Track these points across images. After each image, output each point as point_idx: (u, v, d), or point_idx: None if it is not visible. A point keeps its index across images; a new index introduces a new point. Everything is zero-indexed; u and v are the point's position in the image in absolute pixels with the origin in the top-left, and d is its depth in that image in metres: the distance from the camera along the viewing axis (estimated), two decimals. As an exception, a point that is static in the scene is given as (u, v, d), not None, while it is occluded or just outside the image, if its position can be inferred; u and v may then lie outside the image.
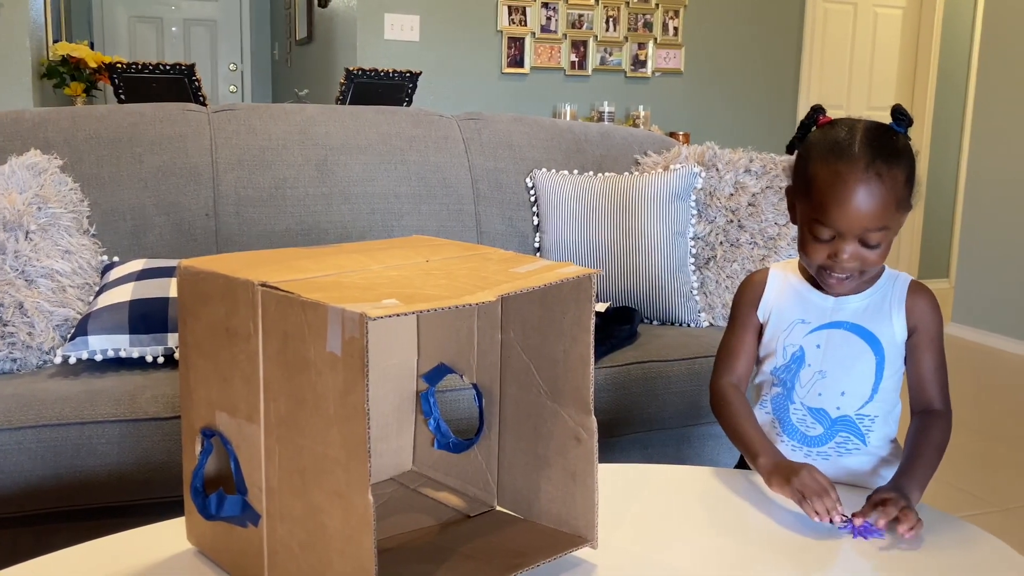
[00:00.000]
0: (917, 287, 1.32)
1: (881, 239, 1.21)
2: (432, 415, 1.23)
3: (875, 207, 1.18)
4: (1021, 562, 1.11)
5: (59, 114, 2.18)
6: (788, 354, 1.33)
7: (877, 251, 1.22)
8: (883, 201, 1.19)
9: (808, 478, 1.17)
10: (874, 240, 1.21)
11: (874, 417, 1.32)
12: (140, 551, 1.07)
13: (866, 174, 1.18)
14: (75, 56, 4.49)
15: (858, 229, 1.19)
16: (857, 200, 1.18)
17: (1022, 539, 2.35)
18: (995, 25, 4.50)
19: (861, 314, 1.31)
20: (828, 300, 1.32)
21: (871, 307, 1.31)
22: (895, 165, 1.20)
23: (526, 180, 2.48)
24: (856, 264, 1.23)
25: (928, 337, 1.31)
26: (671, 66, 5.20)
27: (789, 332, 1.33)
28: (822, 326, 1.32)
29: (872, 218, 1.19)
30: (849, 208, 1.18)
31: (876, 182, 1.18)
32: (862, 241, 1.21)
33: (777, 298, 1.36)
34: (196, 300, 0.99)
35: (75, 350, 1.76)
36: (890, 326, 1.30)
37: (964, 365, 4.12)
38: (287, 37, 6.60)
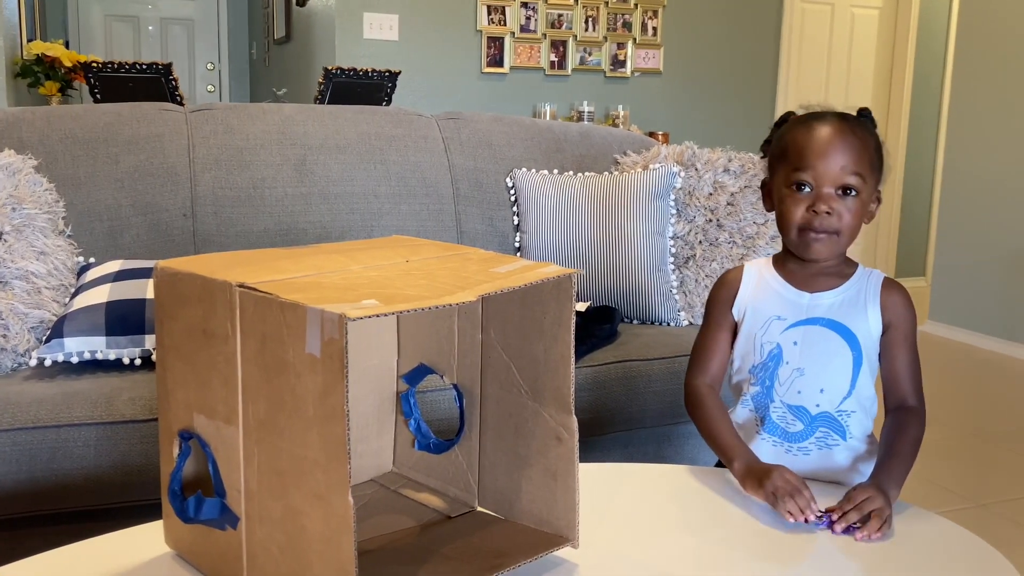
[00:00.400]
0: (891, 283, 1.33)
1: (858, 188, 1.25)
2: (413, 416, 1.22)
3: (850, 151, 1.24)
4: (997, 557, 1.12)
5: (33, 114, 2.16)
6: (765, 352, 1.34)
7: (853, 206, 1.25)
8: (857, 148, 1.25)
9: (780, 479, 1.18)
10: (852, 185, 1.24)
11: (852, 412, 1.33)
12: (117, 555, 1.06)
13: (840, 124, 1.26)
14: (50, 55, 4.45)
15: (836, 169, 1.24)
16: (833, 143, 1.25)
17: (998, 534, 2.38)
18: (970, 25, 4.54)
19: (837, 310, 1.31)
20: (804, 296, 1.33)
21: (846, 302, 1.31)
22: (865, 129, 1.28)
23: (506, 180, 2.48)
24: (834, 219, 1.25)
25: (902, 334, 1.32)
26: (650, 66, 5.22)
27: (766, 330, 1.34)
28: (798, 322, 1.32)
29: (848, 160, 1.24)
30: (826, 149, 1.24)
31: (849, 132, 1.26)
32: (840, 188, 1.25)
33: (752, 295, 1.37)
34: (173, 301, 0.98)
35: (51, 352, 1.74)
36: (865, 321, 1.30)
37: (940, 362, 4.17)
38: (265, 36, 6.56)
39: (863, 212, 1.27)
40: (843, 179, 1.24)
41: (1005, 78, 4.34)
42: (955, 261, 4.60)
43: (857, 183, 1.24)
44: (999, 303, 4.36)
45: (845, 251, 1.32)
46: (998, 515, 2.52)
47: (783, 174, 1.30)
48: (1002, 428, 3.24)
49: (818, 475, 1.32)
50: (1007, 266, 4.32)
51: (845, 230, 1.26)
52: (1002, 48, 4.35)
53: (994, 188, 4.40)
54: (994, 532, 2.39)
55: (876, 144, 1.28)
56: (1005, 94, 4.34)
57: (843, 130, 1.26)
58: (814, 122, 1.28)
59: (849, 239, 1.28)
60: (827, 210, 1.24)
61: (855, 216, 1.26)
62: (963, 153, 4.57)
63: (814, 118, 1.29)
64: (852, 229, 1.27)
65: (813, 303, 1.32)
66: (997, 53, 4.38)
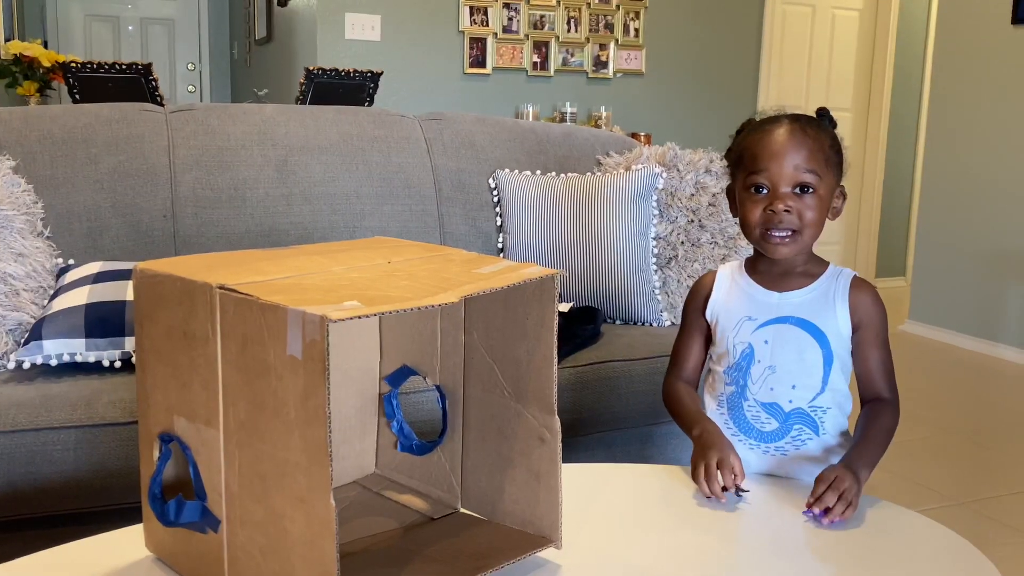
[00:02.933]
0: (860, 283, 1.34)
1: (815, 185, 1.27)
2: (395, 417, 1.22)
3: (802, 149, 1.27)
4: (977, 555, 1.13)
5: (11, 114, 2.14)
6: (738, 352, 1.35)
7: (811, 203, 1.27)
8: (809, 147, 1.27)
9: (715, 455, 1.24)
10: (808, 183, 1.26)
11: (827, 408, 1.34)
12: (97, 559, 1.05)
13: (791, 126, 1.29)
14: (28, 55, 4.41)
15: (790, 169, 1.26)
16: (785, 143, 1.27)
17: (978, 532, 2.40)
18: (949, 27, 4.58)
19: (805, 308, 1.33)
20: (772, 296, 1.35)
21: (815, 301, 1.33)
22: (818, 128, 1.30)
23: (489, 180, 2.48)
24: (793, 217, 1.27)
25: (873, 332, 1.33)
26: (632, 67, 5.23)
27: (737, 330, 1.36)
28: (768, 321, 1.34)
29: (801, 158, 1.26)
30: (779, 150, 1.27)
31: (800, 132, 1.28)
32: (796, 186, 1.27)
33: (724, 298, 1.39)
34: (153, 303, 0.98)
35: (29, 355, 1.72)
36: (834, 320, 1.32)
37: (920, 362, 4.20)
38: (246, 36, 6.53)
39: (824, 208, 1.29)
40: (797, 177, 1.27)
41: (984, 79, 4.38)
42: (935, 261, 4.63)
43: (812, 180, 1.27)
44: (978, 303, 4.40)
45: (809, 249, 1.34)
46: (978, 513, 2.54)
47: (741, 178, 1.33)
48: (981, 426, 3.27)
49: (792, 474, 1.34)
50: (986, 266, 4.36)
51: (806, 227, 1.28)
52: (981, 50, 4.39)
53: (974, 188, 4.44)
54: (974, 530, 2.41)
55: (832, 141, 1.31)
56: (984, 95, 4.38)
57: (794, 130, 1.28)
58: (767, 126, 1.31)
59: (812, 236, 1.30)
60: (784, 208, 1.26)
61: (815, 212, 1.28)
62: (943, 153, 4.61)
63: (767, 122, 1.32)
64: (813, 226, 1.29)
65: (782, 302, 1.34)
66: (976, 55, 4.42)
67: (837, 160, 1.31)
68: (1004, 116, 4.28)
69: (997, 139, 4.31)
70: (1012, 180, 4.24)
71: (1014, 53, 4.23)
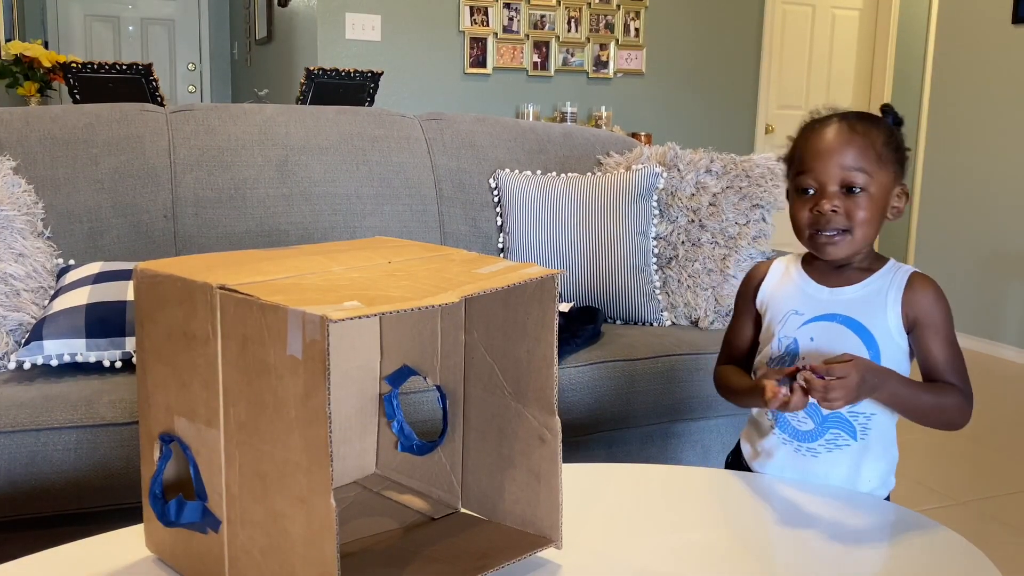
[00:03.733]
0: (918, 278, 1.28)
1: (864, 184, 1.23)
2: (395, 417, 1.22)
3: (850, 148, 1.23)
4: (978, 555, 1.13)
5: (11, 114, 2.14)
6: (783, 346, 1.32)
7: (861, 202, 1.23)
8: (858, 145, 1.24)
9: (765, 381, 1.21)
10: (856, 182, 1.23)
11: (871, 414, 1.29)
12: (98, 559, 1.05)
13: (840, 124, 1.26)
14: (28, 55, 4.41)
15: (836, 170, 1.23)
16: (832, 142, 1.24)
17: (979, 532, 2.40)
18: (949, 27, 4.58)
19: (855, 305, 1.29)
20: (823, 291, 1.31)
21: (866, 298, 1.29)
22: (870, 124, 1.26)
23: (489, 180, 2.48)
24: (841, 217, 1.24)
25: (932, 328, 1.27)
26: (632, 67, 5.23)
27: (784, 323, 1.33)
28: (816, 318, 1.31)
29: (848, 156, 1.23)
30: (824, 149, 1.24)
31: (848, 130, 1.25)
32: (844, 186, 1.23)
33: (775, 288, 1.37)
34: (153, 304, 0.98)
35: (30, 355, 1.72)
36: (884, 318, 1.27)
37: (921, 361, 4.19)
38: (246, 36, 6.53)
39: (877, 207, 1.25)
40: (845, 176, 1.23)
41: (984, 79, 4.38)
42: (935, 261, 4.63)
43: (861, 180, 1.23)
44: (979, 303, 4.40)
45: (863, 248, 1.28)
46: (978, 513, 2.54)
47: (791, 180, 1.30)
48: (982, 426, 3.27)
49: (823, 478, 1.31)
50: (987, 266, 4.36)
51: (857, 227, 1.24)
52: (981, 50, 4.39)
53: (974, 188, 4.44)
54: (974, 530, 2.41)
55: (887, 138, 1.26)
56: (984, 95, 4.38)
57: (841, 129, 1.25)
58: (816, 125, 1.28)
59: (865, 236, 1.26)
60: (831, 208, 1.23)
61: (867, 211, 1.24)
62: (943, 153, 4.61)
63: (817, 122, 1.29)
64: (866, 225, 1.24)
65: (832, 298, 1.30)
66: (976, 55, 4.42)
67: (895, 158, 1.26)
68: (1004, 116, 4.28)
69: (997, 139, 4.31)
70: (1012, 180, 4.24)
71: (1014, 53, 4.23)
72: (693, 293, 2.30)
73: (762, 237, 2.32)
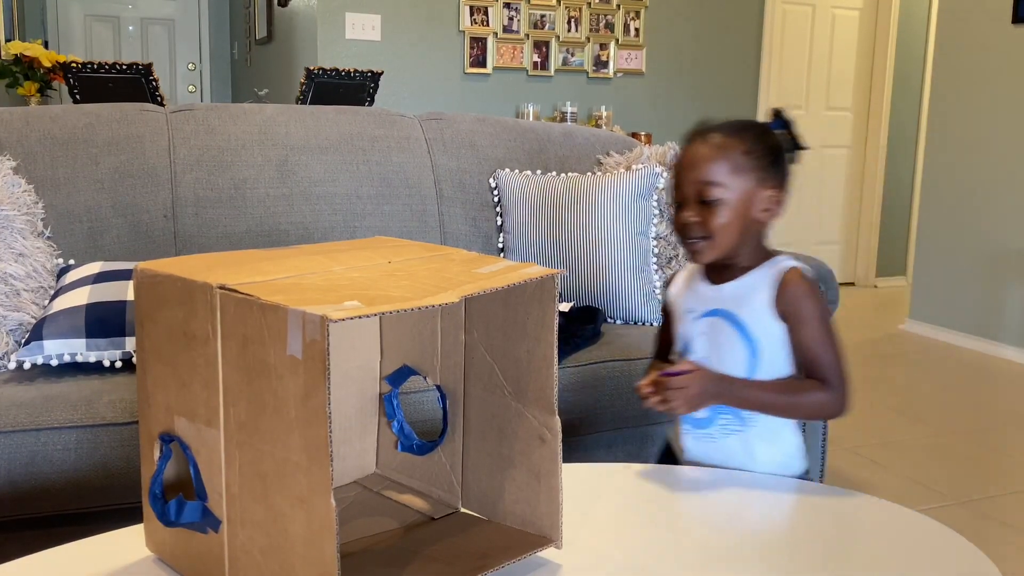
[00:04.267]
0: (791, 275, 1.35)
1: (718, 195, 1.31)
2: (395, 417, 1.22)
3: (703, 163, 1.32)
4: (978, 554, 1.13)
5: (11, 114, 2.14)
6: (682, 343, 1.42)
7: (717, 211, 1.32)
8: (712, 159, 1.32)
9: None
10: (709, 195, 1.31)
11: None
12: (98, 559, 1.05)
13: (698, 139, 1.35)
14: (28, 55, 4.41)
15: (692, 184, 1.33)
16: (688, 158, 1.35)
17: (979, 531, 2.40)
18: (948, 27, 4.58)
19: (733, 300, 1.37)
20: (711, 289, 1.40)
21: (742, 292, 1.36)
22: (733, 135, 1.34)
23: (489, 180, 2.48)
24: (700, 226, 1.33)
25: (799, 324, 1.34)
26: (633, 67, 5.23)
27: (682, 322, 1.42)
28: (704, 314, 1.39)
29: (702, 172, 1.32)
30: (683, 165, 1.35)
31: (704, 145, 1.34)
32: (700, 198, 1.32)
33: (678, 291, 1.46)
34: (153, 303, 0.98)
35: (30, 355, 1.72)
36: (757, 312, 1.34)
37: (920, 362, 4.20)
38: (246, 36, 6.53)
39: (736, 213, 1.32)
40: (699, 190, 1.32)
41: (984, 79, 4.38)
42: (936, 261, 4.63)
43: (714, 192, 1.31)
44: (979, 302, 4.40)
45: (730, 250, 1.35)
46: (978, 513, 2.54)
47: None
48: (983, 426, 3.27)
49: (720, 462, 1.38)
50: (987, 266, 4.36)
51: (716, 234, 1.32)
52: (981, 49, 4.39)
53: (974, 188, 4.43)
54: (974, 530, 2.41)
55: (749, 147, 1.33)
56: (984, 95, 4.38)
57: (697, 146, 1.34)
58: (684, 142, 1.38)
59: (727, 240, 1.33)
60: (692, 217, 1.33)
61: (725, 217, 1.32)
62: (943, 153, 4.61)
63: (686, 138, 1.38)
64: (725, 231, 1.32)
65: (716, 294, 1.39)
66: (976, 55, 4.42)
67: (758, 165, 1.33)
68: (1004, 116, 4.28)
69: (997, 139, 4.31)
70: (1012, 180, 4.24)
71: (1014, 53, 4.22)
72: (693, 293, 2.30)
73: (762, 237, 2.32)
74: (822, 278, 2.30)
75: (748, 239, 1.35)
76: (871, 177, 5.91)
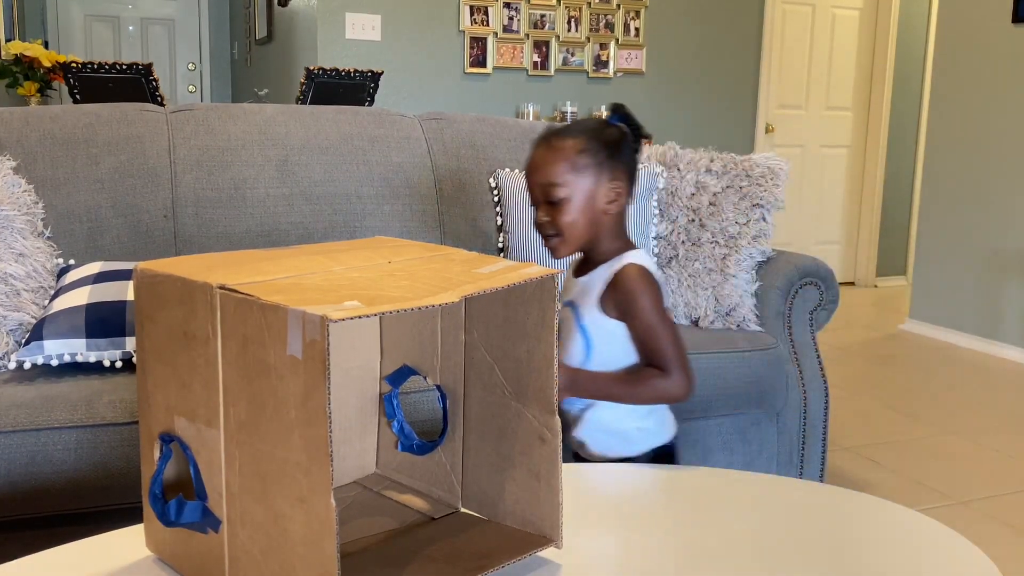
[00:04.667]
0: (624, 270, 1.43)
1: (561, 195, 1.41)
2: (396, 417, 1.22)
3: (544, 166, 1.43)
4: (978, 554, 1.13)
5: (11, 114, 2.14)
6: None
7: (563, 209, 1.41)
8: (550, 161, 1.42)
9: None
10: (554, 195, 1.41)
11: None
12: (98, 559, 1.05)
13: (541, 144, 1.45)
14: (28, 55, 4.41)
15: (538, 187, 1.43)
16: (531, 164, 1.45)
17: (979, 531, 2.40)
18: (948, 27, 4.58)
19: (581, 293, 1.47)
20: (572, 280, 1.51)
21: (587, 286, 1.46)
22: (570, 137, 1.44)
23: (489, 180, 2.48)
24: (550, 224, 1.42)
25: (632, 317, 1.42)
26: (633, 66, 5.23)
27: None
28: (565, 304, 1.50)
29: (544, 174, 1.42)
30: (528, 171, 1.45)
31: (543, 149, 1.44)
32: (546, 199, 1.42)
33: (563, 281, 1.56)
34: (153, 303, 0.98)
35: (30, 355, 1.72)
36: (590, 307, 1.44)
37: (920, 361, 4.20)
38: (246, 36, 6.53)
39: (581, 209, 1.41)
40: (544, 192, 1.43)
41: (984, 79, 4.38)
42: (936, 260, 4.63)
43: (557, 192, 1.41)
44: (979, 302, 4.40)
45: (581, 244, 1.45)
46: (980, 512, 2.54)
47: None
48: (983, 426, 3.27)
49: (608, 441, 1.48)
50: (987, 265, 4.36)
51: (564, 230, 1.42)
52: (981, 49, 4.39)
53: (974, 188, 4.43)
54: (976, 529, 2.41)
55: (584, 146, 1.42)
56: (984, 95, 4.38)
57: (537, 151, 1.44)
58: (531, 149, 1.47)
59: (576, 235, 1.43)
60: (543, 217, 1.43)
61: (571, 215, 1.41)
62: (943, 153, 4.61)
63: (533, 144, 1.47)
64: (572, 227, 1.42)
65: (573, 286, 1.50)
66: (976, 54, 4.42)
67: (596, 161, 1.42)
68: (1004, 116, 4.28)
69: (997, 139, 4.31)
70: (1012, 180, 4.24)
71: (1014, 53, 4.22)
72: (693, 293, 2.30)
73: (762, 236, 2.32)
74: (822, 278, 2.30)
75: (601, 231, 1.44)
76: (871, 177, 5.91)
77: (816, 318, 2.30)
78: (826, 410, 2.31)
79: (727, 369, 2.13)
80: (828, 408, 2.32)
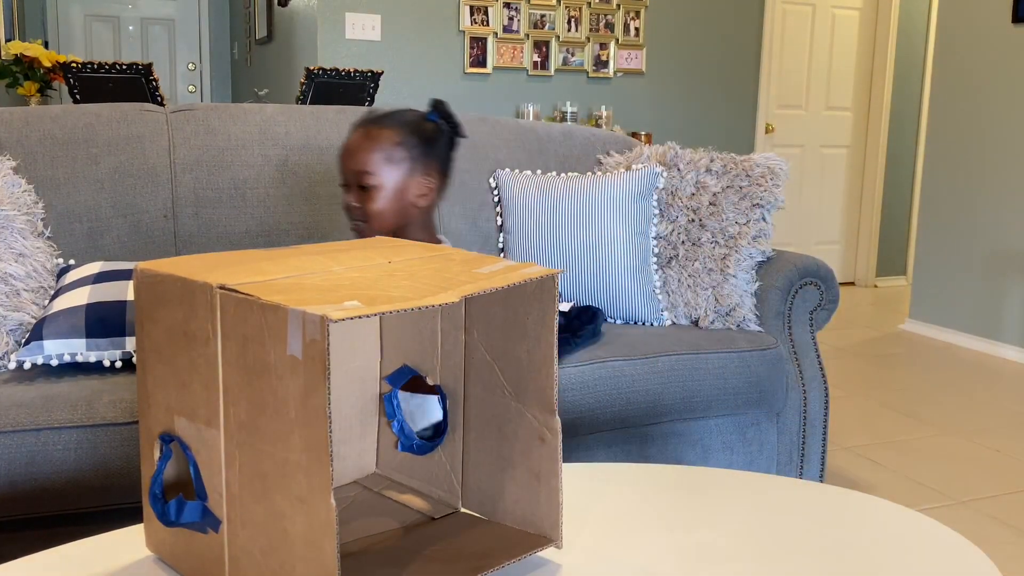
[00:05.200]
0: None
1: (373, 183, 1.45)
2: (396, 417, 1.22)
3: (359, 153, 1.47)
4: (978, 554, 1.13)
5: (11, 114, 2.14)
6: None
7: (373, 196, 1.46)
8: (367, 149, 1.47)
9: None
10: (364, 182, 1.46)
11: None
12: (98, 559, 1.05)
13: (359, 129, 1.50)
14: (28, 55, 4.41)
15: (350, 172, 1.48)
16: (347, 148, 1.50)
17: (979, 531, 2.40)
18: (948, 27, 4.58)
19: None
20: None
21: None
22: (388, 127, 1.49)
23: (489, 180, 2.48)
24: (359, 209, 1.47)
25: None
26: (633, 66, 5.23)
27: None
28: None
29: (357, 161, 1.47)
30: (344, 154, 1.50)
31: (361, 136, 1.48)
32: (358, 184, 1.47)
33: None
34: (153, 303, 0.98)
35: (30, 355, 1.72)
36: None
37: (921, 361, 4.20)
38: (247, 36, 6.53)
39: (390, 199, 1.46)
40: (357, 177, 1.46)
41: (984, 79, 4.38)
42: (935, 261, 4.63)
43: (369, 179, 1.45)
44: (979, 302, 4.40)
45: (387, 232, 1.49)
46: (979, 512, 2.54)
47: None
48: (983, 426, 3.27)
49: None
50: (987, 265, 4.36)
51: (372, 217, 1.48)
52: (981, 49, 4.39)
53: (974, 188, 4.44)
54: (975, 529, 2.41)
55: (401, 139, 1.46)
56: (984, 95, 4.38)
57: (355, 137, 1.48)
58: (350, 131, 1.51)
59: (383, 222, 1.48)
60: (352, 201, 1.49)
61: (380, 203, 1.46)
62: (943, 153, 4.61)
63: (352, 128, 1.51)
64: (380, 215, 1.47)
65: None
66: (976, 55, 4.42)
67: (408, 154, 1.46)
68: (1004, 116, 4.28)
69: (997, 139, 4.31)
70: (1012, 180, 4.24)
71: (1014, 53, 4.22)
72: (693, 293, 2.31)
73: (762, 236, 2.32)
74: (822, 278, 2.30)
75: (409, 222, 1.48)
76: (871, 177, 5.91)
77: (816, 318, 2.31)
78: (826, 410, 2.31)
79: (727, 369, 2.14)
80: (828, 408, 2.32)
